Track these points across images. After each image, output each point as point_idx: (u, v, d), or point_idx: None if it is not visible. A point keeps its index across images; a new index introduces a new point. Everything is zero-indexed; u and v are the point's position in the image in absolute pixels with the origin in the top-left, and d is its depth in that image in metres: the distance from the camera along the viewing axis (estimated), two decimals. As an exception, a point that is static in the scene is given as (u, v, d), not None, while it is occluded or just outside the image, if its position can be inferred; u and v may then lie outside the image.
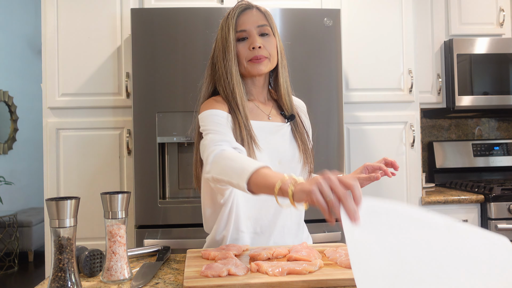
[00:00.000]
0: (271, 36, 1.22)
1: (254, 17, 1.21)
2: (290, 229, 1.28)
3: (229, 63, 1.18)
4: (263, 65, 1.20)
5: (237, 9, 1.22)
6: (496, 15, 2.70)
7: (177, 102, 2.01)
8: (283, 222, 1.27)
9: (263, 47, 1.19)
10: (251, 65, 1.20)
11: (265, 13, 1.23)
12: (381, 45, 2.31)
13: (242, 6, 1.22)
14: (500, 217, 2.33)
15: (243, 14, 1.21)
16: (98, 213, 2.16)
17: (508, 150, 2.97)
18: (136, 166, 2.00)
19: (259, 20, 1.20)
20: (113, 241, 1.00)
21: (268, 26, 1.21)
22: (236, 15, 1.20)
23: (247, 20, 1.20)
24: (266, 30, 1.21)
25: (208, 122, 1.15)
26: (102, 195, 1.00)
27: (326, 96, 2.05)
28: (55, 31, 2.19)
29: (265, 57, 1.19)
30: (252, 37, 1.19)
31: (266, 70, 1.21)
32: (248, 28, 1.19)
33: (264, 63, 1.20)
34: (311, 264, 0.96)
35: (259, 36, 1.20)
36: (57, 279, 0.88)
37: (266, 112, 1.27)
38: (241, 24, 1.20)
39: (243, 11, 1.22)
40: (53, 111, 2.20)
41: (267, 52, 1.20)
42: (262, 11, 1.23)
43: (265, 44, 1.19)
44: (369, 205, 0.83)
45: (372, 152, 2.30)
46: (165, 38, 2.01)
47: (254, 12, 1.22)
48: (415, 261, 0.77)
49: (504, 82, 2.63)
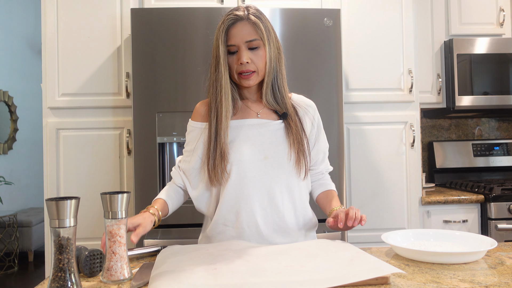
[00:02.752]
0: (260, 48, 1.24)
1: (244, 31, 1.22)
2: (275, 227, 1.28)
3: (219, 75, 1.24)
4: (251, 80, 1.26)
5: (227, 22, 1.23)
6: (496, 15, 2.70)
7: (177, 102, 2.01)
8: (271, 220, 1.27)
9: (251, 61, 1.23)
10: (240, 79, 1.26)
11: (255, 24, 1.23)
12: (381, 45, 2.31)
13: (232, 18, 1.23)
14: (500, 217, 2.33)
15: (233, 27, 1.23)
16: (98, 213, 2.16)
17: (508, 150, 2.97)
18: (136, 166, 2.00)
19: (248, 35, 1.22)
20: (113, 241, 1.00)
21: (257, 40, 1.23)
22: (226, 28, 1.23)
23: (236, 34, 1.22)
24: (255, 44, 1.23)
25: (186, 134, 1.36)
26: (102, 195, 1.00)
27: (326, 96, 2.05)
28: (55, 31, 2.19)
29: (253, 71, 1.24)
30: (240, 52, 1.23)
31: (254, 83, 1.27)
32: (237, 43, 1.23)
33: (252, 78, 1.25)
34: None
35: (248, 50, 1.23)
36: (57, 279, 0.88)
37: (256, 110, 1.31)
38: (230, 38, 1.23)
39: (233, 24, 1.23)
40: (53, 111, 2.20)
41: (255, 66, 1.24)
42: (253, 22, 1.23)
43: (253, 58, 1.23)
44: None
45: (372, 152, 2.30)
46: (165, 38, 2.01)
47: (244, 25, 1.23)
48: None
49: (504, 82, 2.63)
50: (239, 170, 1.23)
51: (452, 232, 1.26)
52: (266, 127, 1.28)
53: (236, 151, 1.24)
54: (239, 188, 1.24)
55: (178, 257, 1.05)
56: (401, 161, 2.30)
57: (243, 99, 1.33)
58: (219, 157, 1.23)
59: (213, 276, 0.90)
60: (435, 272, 1.00)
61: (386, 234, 1.24)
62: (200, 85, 1.99)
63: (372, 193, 2.28)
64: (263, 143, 1.26)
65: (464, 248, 1.16)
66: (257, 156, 1.25)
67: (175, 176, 1.35)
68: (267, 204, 1.25)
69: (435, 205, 2.37)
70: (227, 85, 1.24)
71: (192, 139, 1.32)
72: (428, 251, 1.08)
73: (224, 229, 1.26)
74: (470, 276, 0.97)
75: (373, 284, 0.91)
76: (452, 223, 2.37)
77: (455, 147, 2.97)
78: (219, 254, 1.06)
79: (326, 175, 1.43)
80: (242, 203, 1.24)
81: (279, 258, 1.02)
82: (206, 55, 2.00)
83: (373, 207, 2.28)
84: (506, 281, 0.93)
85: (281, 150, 1.26)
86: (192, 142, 1.32)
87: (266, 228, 1.25)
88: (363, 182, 2.28)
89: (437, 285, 0.91)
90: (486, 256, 1.14)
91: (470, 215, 2.39)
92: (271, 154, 1.26)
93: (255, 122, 1.29)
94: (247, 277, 0.89)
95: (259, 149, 1.25)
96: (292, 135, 1.28)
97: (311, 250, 1.08)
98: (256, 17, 1.23)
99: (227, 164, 1.23)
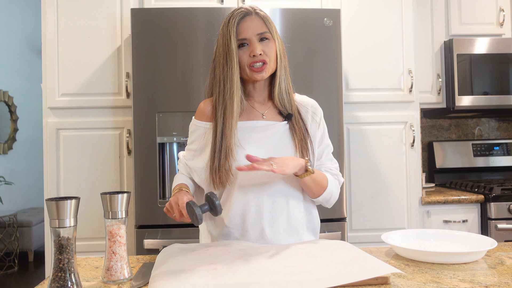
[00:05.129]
0: (271, 41, 1.25)
1: (254, 24, 1.23)
2: (280, 229, 1.27)
3: (231, 71, 1.22)
4: (264, 72, 1.24)
5: (237, 16, 1.23)
6: (496, 15, 2.70)
7: (177, 102, 2.01)
8: (273, 222, 1.26)
9: (263, 53, 1.22)
10: (252, 72, 1.24)
11: (264, 18, 1.25)
12: (381, 45, 2.31)
13: (241, 12, 1.24)
14: (500, 217, 2.33)
15: (243, 21, 1.23)
16: (98, 213, 2.16)
17: (508, 150, 2.97)
18: (136, 166, 2.00)
19: (259, 28, 1.23)
20: (113, 241, 1.00)
21: (267, 32, 1.24)
22: (236, 22, 1.22)
23: (247, 27, 1.22)
24: (266, 36, 1.24)
25: (189, 133, 1.34)
26: (102, 195, 1.00)
27: (326, 96, 2.05)
28: (55, 31, 2.19)
29: (266, 62, 1.23)
30: (252, 45, 1.22)
31: (267, 75, 1.25)
32: (248, 36, 1.22)
33: (265, 69, 1.24)
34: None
35: (259, 42, 1.23)
36: (57, 279, 0.88)
37: (261, 111, 1.30)
38: (241, 32, 1.22)
39: (243, 18, 1.23)
40: (53, 111, 2.20)
41: (267, 58, 1.23)
42: (261, 16, 1.24)
43: (265, 49, 1.23)
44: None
45: (372, 152, 2.30)
46: (165, 38, 2.01)
47: (253, 19, 1.24)
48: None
49: (504, 82, 2.63)
50: (245, 173, 1.22)
51: (452, 232, 1.26)
52: (271, 129, 1.27)
53: (242, 154, 1.22)
54: (245, 192, 1.23)
55: (178, 257, 1.05)
56: (401, 161, 2.30)
57: (248, 99, 1.31)
58: (224, 158, 1.21)
59: (213, 276, 0.90)
60: (435, 272, 1.00)
61: (386, 234, 1.24)
62: (200, 85, 1.99)
63: (372, 193, 2.28)
64: (268, 146, 1.25)
65: (464, 248, 1.16)
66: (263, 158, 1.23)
67: (184, 171, 1.34)
68: (273, 207, 1.25)
69: (435, 205, 2.37)
70: (238, 82, 1.23)
71: (198, 138, 1.30)
72: (428, 251, 1.08)
73: (228, 231, 1.25)
74: (470, 276, 0.97)
75: (373, 284, 0.91)
76: (452, 223, 2.37)
77: (455, 147, 2.97)
78: (219, 254, 1.06)
79: (334, 170, 1.36)
80: (248, 206, 1.23)
81: (279, 258, 1.02)
82: (206, 55, 2.00)
83: (373, 207, 2.28)
84: (506, 281, 0.93)
85: (286, 153, 1.25)
86: (197, 141, 1.30)
87: (271, 231, 1.25)
88: (363, 182, 2.28)
89: (437, 285, 0.91)
90: (486, 256, 1.14)
91: (470, 215, 2.39)
92: (276, 156, 1.24)
93: (261, 124, 1.27)
94: (247, 277, 0.89)
95: (265, 152, 1.24)
96: (297, 136, 1.27)
97: (311, 250, 1.08)
98: (263, 12, 1.26)
99: (232, 167, 1.22)
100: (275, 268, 0.94)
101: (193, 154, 1.31)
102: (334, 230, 2.00)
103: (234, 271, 0.93)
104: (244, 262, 0.99)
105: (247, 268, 0.95)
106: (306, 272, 0.92)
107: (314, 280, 0.87)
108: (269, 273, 0.91)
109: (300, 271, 0.92)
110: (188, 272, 0.92)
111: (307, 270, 0.93)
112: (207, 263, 0.98)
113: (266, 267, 0.95)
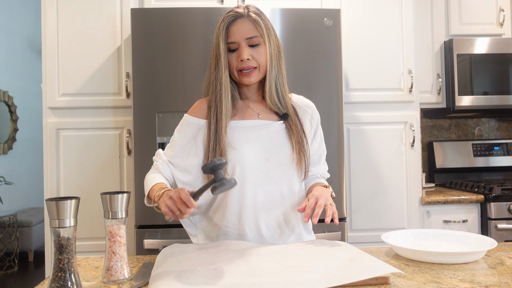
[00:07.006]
0: (261, 45, 1.24)
1: (244, 27, 1.22)
2: (275, 227, 1.27)
3: (220, 73, 1.23)
4: (252, 77, 1.24)
5: (227, 19, 1.23)
6: (496, 15, 2.70)
7: (177, 102, 2.01)
8: (265, 222, 1.26)
9: (252, 58, 1.22)
10: (240, 76, 1.24)
11: (256, 21, 1.23)
12: (381, 45, 2.31)
13: (232, 15, 1.23)
14: (500, 217, 2.33)
15: (233, 24, 1.23)
16: (98, 213, 2.16)
17: (508, 150, 2.97)
18: (136, 166, 2.00)
19: (248, 32, 1.22)
20: (113, 241, 1.00)
21: (257, 37, 1.23)
22: (226, 25, 1.22)
23: (237, 31, 1.22)
24: (256, 41, 1.23)
25: (176, 129, 1.31)
26: (102, 195, 1.00)
27: (326, 96, 2.05)
28: (55, 31, 2.19)
29: (254, 67, 1.23)
30: (241, 49, 1.22)
31: (256, 80, 1.26)
32: (237, 40, 1.22)
33: (253, 74, 1.24)
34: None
35: (248, 47, 1.22)
36: (57, 279, 0.88)
37: (257, 110, 1.30)
38: (230, 36, 1.22)
39: (234, 21, 1.23)
40: (53, 111, 2.20)
41: (256, 63, 1.23)
42: (253, 19, 1.23)
43: (254, 54, 1.22)
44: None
45: (372, 152, 2.30)
46: (165, 38, 2.01)
47: (244, 22, 1.23)
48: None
49: (504, 82, 2.63)
50: (240, 172, 1.22)
51: (452, 232, 1.26)
52: (267, 128, 1.27)
53: (237, 153, 1.22)
54: (241, 191, 1.23)
55: (178, 257, 1.05)
56: (401, 161, 2.30)
57: (243, 98, 1.32)
58: (218, 150, 1.22)
59: (213, 276, 0.90)
60: (435, 272, 1.00)
61: (386, 234, 1.24)
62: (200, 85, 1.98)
63: (372, 193, 2.28)
64: (264, 145, 1.25)
65: (464, 248, 1.16)
66: (259, 158, 1.23)
67: (164, 169, 1.28)
68: (269, 207, 1.25)
69: (435, 205, 2.37)
70: (227, 83, 1.23)
71: (188, 134, 1.27)
72: (428, 251, 1.08)
73: (226, 230, 1.26)
74: (470, 276, 0.97)
75: (373, 284, 0.91)
76: (452, 223, 2.37)
77: (455, 147, 2.97)
78: (219, 254, 1.06)
79: (321, 179, 1.37)
80: (244, 206, 1.23)
81: (279, 258, 1.02)
82: (206, 55, 2.00)
83: (373, 207, 2.28)
84: (506, 281, 0.93)
85: (282, 152, 1.26)
86: (187, 137, 1.27)
87: (267, 231, 1.25)
88: (363, 182, 2.28)
89: (437, 285, 0.91)
90: (486, 256, 1.14)
91: (470, 215, 2.39)
92: (273, 156, 1.25)
93: (256, 123, 1.28)
94: (247, 277, 0.89)
95: (261, 151, 1.24)
96: (294, 136, 1.27)
97: (311, 250, 1.09)
98: (256, 14, 1.24)
99: (228, 166, 1.22)
100: (275, 268, 0.94)
101: (178, 150, 1.27)
102: (334, 230, 2.00)
103: (234, 271, 0.93)
104: (244, 262, 0.99)
105: (247, 268, 0.95)
106: (306, 272, 0.92)
107: (314, 280, 0.87)
108: (269, 273, 0.91)
109: (300, 271, 0.92)
110: (188, 272, 0.92)
111: (307, 270, 0.93)
112: (207, 263, 0.98)
113: (266, 267, 0.95)
